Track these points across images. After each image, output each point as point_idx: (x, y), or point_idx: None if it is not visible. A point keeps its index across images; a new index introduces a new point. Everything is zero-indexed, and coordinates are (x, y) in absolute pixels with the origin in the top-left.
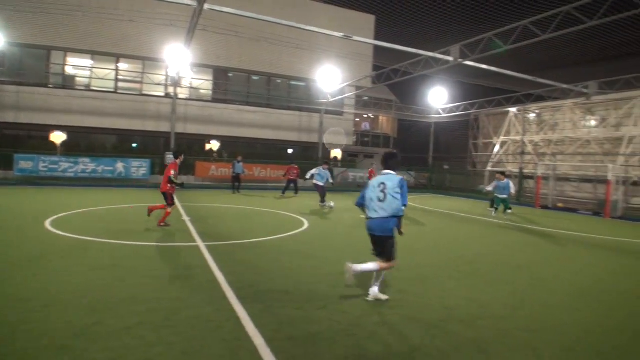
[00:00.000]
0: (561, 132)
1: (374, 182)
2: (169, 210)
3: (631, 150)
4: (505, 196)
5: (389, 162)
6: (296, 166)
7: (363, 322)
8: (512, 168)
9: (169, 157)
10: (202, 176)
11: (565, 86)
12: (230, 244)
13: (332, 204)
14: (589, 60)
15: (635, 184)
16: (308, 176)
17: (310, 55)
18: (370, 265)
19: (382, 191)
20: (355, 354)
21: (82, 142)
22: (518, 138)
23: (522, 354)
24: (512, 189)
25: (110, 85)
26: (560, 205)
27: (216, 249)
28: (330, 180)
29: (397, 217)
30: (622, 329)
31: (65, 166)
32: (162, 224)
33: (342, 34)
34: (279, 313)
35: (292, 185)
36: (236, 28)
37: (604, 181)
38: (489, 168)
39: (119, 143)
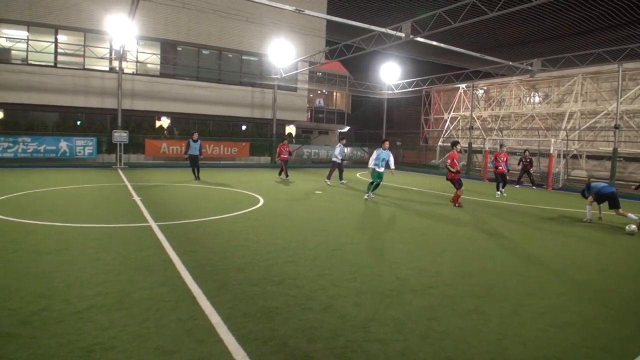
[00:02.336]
0: (507, 108)
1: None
2: (460, 192)
3: (571, 125)
4: (382, 170)
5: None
6: (287, 144)
7: (318, 295)
8: (461, 143)
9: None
10: (153, 155)
11: (511, 63)
12: (184, 223)
13: (344, 181)
14: (533, 39)
15: (574, 157)
16: (338, 158)
17: (262, 29)
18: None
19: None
20: (311, 327)
21: (21, 120)
22: (467, 114)
23: (471, 319)
24: (391, 162)
25: (50, 59)
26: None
27: (169, 229)
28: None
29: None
30: (562, 291)
31: (4, 146)
32: (456, 204)
33: (293, 8)
34: (235, 290)
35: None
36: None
37: (546, 154)
38: (440, 143)
39: (62, 121)
